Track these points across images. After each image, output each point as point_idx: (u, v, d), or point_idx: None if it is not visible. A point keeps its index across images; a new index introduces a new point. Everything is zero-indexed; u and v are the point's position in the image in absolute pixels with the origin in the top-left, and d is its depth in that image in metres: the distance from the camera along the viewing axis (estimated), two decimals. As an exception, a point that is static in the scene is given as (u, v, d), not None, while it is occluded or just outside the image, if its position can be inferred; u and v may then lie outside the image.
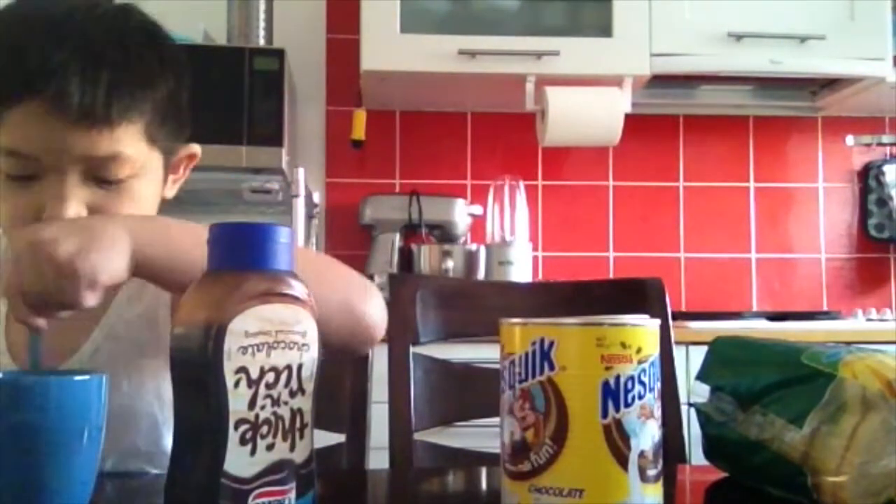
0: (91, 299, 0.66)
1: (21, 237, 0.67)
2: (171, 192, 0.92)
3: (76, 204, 0.77)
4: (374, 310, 0.82)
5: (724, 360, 0.81)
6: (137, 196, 0.82)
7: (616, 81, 2.23)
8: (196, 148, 0.93)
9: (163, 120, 0.84)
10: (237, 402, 0.51)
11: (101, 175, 0.79)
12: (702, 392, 0.81)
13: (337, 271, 0.83)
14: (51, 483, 0.58)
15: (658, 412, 0.57)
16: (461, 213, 2.37)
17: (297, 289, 0.54)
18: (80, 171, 0.78)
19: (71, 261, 0.64)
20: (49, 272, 0.64)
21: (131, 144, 0.79)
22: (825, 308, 2.54)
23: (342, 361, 1.11)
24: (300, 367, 0.54)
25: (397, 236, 2.32)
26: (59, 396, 0.59)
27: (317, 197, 2.45)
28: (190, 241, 0.67)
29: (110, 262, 0.66)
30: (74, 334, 0.88)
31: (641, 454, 0.55)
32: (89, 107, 0.75)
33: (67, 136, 0.76)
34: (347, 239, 2.48)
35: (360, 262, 2.38)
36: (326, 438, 1.05)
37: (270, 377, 0.52)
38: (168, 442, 0.69)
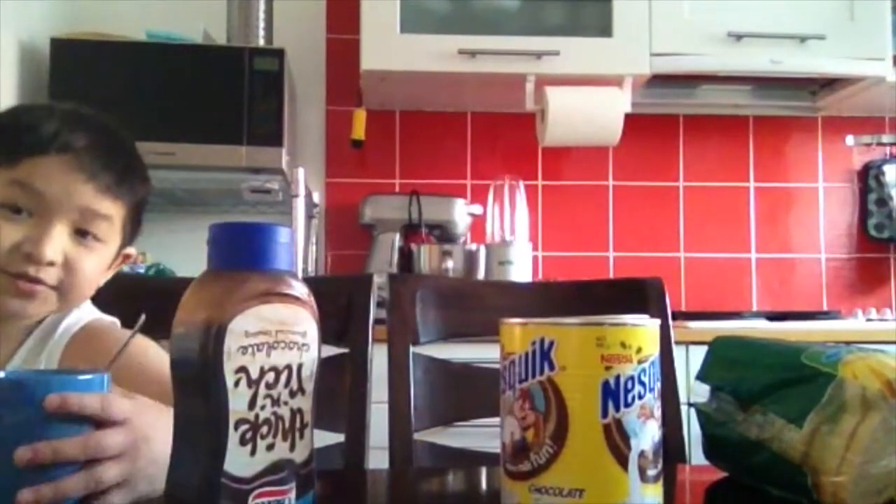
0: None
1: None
2: (103, 280, 0.99)
3: (56, 246, 0.86)
4: None
5: (724, 360, 0.82)
6: (100, 258, 0.92)
7: (616, 81, 2.23)
8: (133, 251, 1.02)
9: (133, 217, 0.96)
10: (237, 402, 0.51)
11: (85, 228, 0.89)
12: (702, 392, 0.81)
13: None
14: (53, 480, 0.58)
15: (658, 412, 0.57)
16: (461, 213, 2.37)
17: (297, 289, 0.54)
18: (69, 221, 0.88)
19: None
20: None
21: (117, 215, 0.92)
22: (825, 308, 2.55)
23: (342, 361, 1.11)
24: (300, 366, 0.54)
25: (397, 236, 2.32)
26: None
27: (317, 197, 2.45)
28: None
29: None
30: None
31: (641, 454, 0.55)
32: (107, 178, 0.89)
33: (81, 189, 0.88)
34: (347, 239, 2.48)
35: (360, 262, 2.38)
36: (326, 438, 1.05)
37: (270, 377, 0.52)
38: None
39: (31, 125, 0.89)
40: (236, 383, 0.51)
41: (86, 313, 0.97)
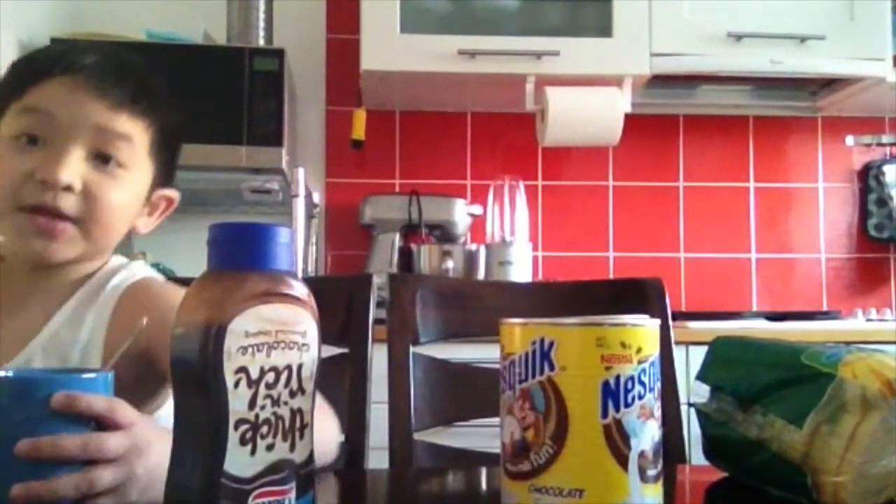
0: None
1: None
2: (145, 228, 0.96)
3: (72, 170, 0.82)
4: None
5: (724, 360, 0.82)
6: (126, 188, 0.87)
7: (616, 81, 2.23)
8: (176, 194, 0.98)
9: (161, 144, 0.91)
10: (237, 402, 0.51)
11: (105, 151, 0.85)
12: (702, 392, 0.81)
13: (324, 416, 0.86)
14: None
15: (658, 412, 0.57)
16: (461, 213, 2.37)
17: (297, 289, 0.54)
18: (86, 145, 0.84)
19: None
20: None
21: (139, 137, 0.87)
22: (825, 308, 2.54)
23: (342, 361, 1.11)
24: (300, 367, 0.54)
25: (397, 236, 2.32)
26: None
27: (317, 197, 2.45)
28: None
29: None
30: (12, 342, 0.87)
31: (641, 454, 0.55)
32: (120, 93, 0.85)
33: (93, 106, 0.84)
34: (347, 239, 2.48)
35: (360, 262, 2.38)
36: (326, 438, 1.04)
37: (270, 377, 0.52)
38: None
39: (36, 55, 0.87)
40: (236, 383, 0.50)
41: (138, 270, 0.93)
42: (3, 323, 0.88)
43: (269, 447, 0.52)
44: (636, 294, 1.22)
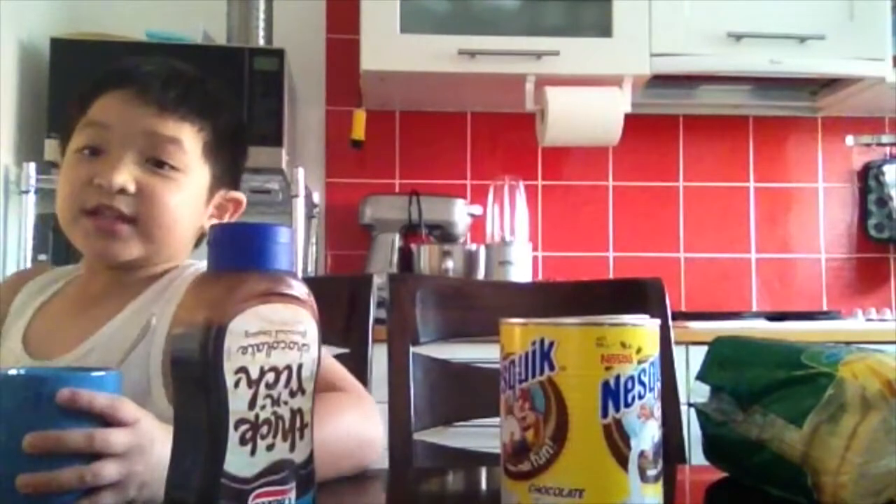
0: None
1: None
2: (208, 221, 0.98)
3: (124, 173, 0.88)
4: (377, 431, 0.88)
5: (724, 360, 0.82)
6: (183, 191, 0.92)
7: (616, 81, 2.23)
8: (243, 197, 1.02)
9: (219, 145, 0.96)
10: (237, 402, 0.51)
11: (158, 156, 0.91)
12: (702, 392, 0.81)
13: (346, 406, 0.86)
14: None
15: (658, 412, 0.57)
16: (461, 213, 2.37)
17: (297, 289, 0.54)
18: (139, 151, 0.89)
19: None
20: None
21: (191, 140, 0.93)
22: (825, 308, 2.54)
23: (342, 361, 1.11)
24: (300, 366, 0.54)
25: (397, 236, 2.32)
26: None
27: (317, 197, 2.45)
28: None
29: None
30: (76, 336, 0.91)
31: (641, 454, 0.55)
32: (164, 99, 0.91)
33: (140, 113, 0.90)
34: (347, 239, 2.48)
35: (360, 262, 2.38)
36: (326, 438, 1.04)
37: (270, 377, 0.52)
38: None
39: (100, 73, 0.94)
40: (236, 383, 0.51)
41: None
42: (74, 321, 0.93)
43: (269, 447, 0.52)
44: (636, 294, 1.22)
